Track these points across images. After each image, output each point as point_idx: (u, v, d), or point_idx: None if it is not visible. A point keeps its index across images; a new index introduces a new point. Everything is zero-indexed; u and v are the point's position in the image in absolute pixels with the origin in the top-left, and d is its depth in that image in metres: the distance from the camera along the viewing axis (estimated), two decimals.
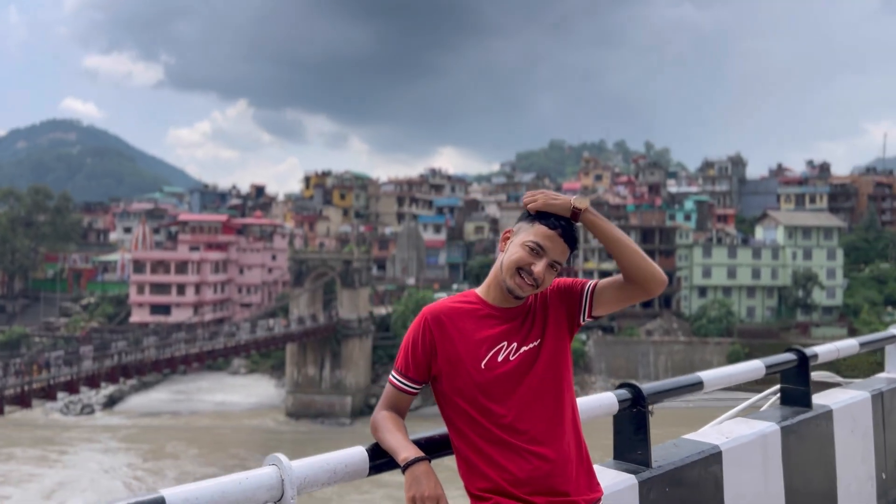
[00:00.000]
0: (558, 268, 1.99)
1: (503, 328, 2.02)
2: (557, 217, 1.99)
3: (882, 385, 4.14)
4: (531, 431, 1.95)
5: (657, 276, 1.99)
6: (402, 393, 2.08)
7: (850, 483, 3.66)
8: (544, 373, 2.01)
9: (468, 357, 1.99)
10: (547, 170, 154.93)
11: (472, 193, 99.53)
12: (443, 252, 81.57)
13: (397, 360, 2.10)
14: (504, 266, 2.00)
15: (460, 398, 2.00)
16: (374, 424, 2.05)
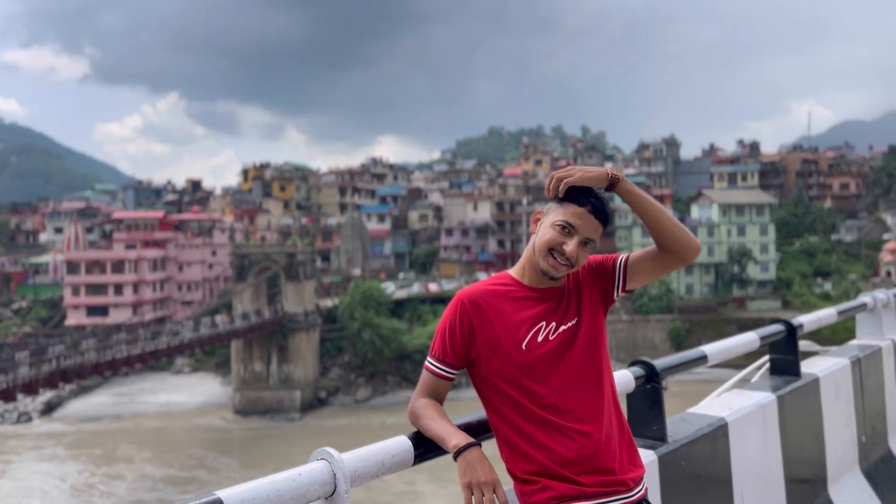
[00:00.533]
0: (592, 245, 1.97)
1: (541, 308, 2.01)
2: (587, 194, 1.97)
3: (857, 351, 4.29)
4: (574, 410, 1.94)
5: (693, 244, 2.01)
6: (441, 379, 2.04)
7: (836, 447, 3.78)
8: (583, 351, 2.00)
9: (508, 339, 1.97)
10: (487, 156, 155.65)
11: (414, 182, 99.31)
12: (388, 241, 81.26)
13: (433, 346, 2.06)
14: (536, 248, 1.99)
15: (501, 380, 1.97)
16: (415, 412, 2.01)
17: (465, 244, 78.63)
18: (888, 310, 4.70)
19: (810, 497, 3.52)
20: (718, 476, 2.87)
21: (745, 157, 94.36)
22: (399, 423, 49.19)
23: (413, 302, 65.62)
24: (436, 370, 2.04)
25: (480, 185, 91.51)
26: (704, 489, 2.81)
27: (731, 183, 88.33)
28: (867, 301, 4.55)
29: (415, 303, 65.60)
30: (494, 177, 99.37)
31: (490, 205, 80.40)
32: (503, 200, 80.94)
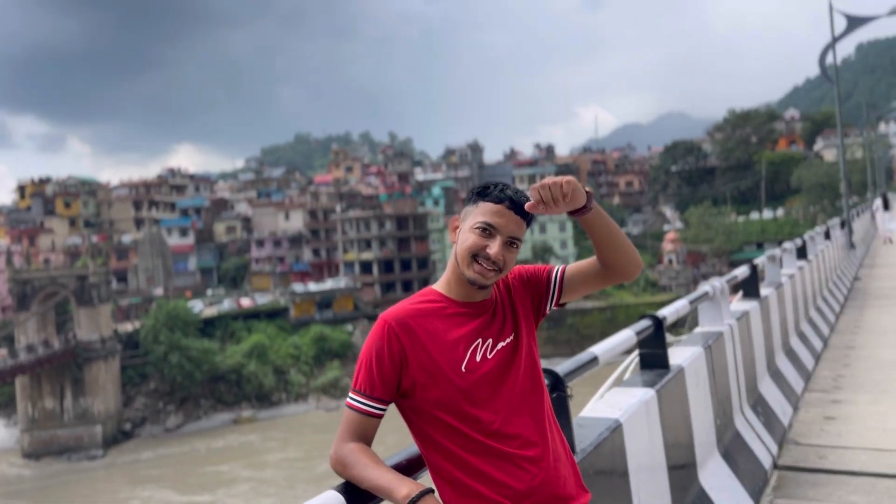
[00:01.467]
0: (518, 245, 1.78)
1: (474, 324, 1.79)
2: (501, 189, 1.78)
3: (707, 339, 4.49)
4: (522, 434, 1.74)
5: (639, 262, 1.88)
6: (369, 417, 1.74)
7: (700, 432, 3.91)
8: (525, 369, 1.81)
9: (445, 361, 1.73)
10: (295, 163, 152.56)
11: (218, 192, 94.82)
12: (192, 257, 76.78)
13: (356, 379, 1.76)
14: (459, 256, 1.78)
15: (441, 410, 1.73)
16: (342, 461, 1.69)
17: (279, 255, 76.36)
18: (724, 297, 5.01)
19: (686, 483, 3.59)
20: (618, 475, 2.81)
21: (542, 160, 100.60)
22: (229, 447, 46.71)
23: (225, 319, 62.58)
24: (363, 407, 1.74)
25: (291, 193, 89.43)
26: (609, 490, 2.73)
27: (531, 184, 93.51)
28: (708, 290, 4.80)
29: (226, 320, 62.60)
30: (305, 184, 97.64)
31: (302, 213, 78.76)
32: (316, 208, 79.63)
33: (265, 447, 45.80)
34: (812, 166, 79.41)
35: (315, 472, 39.54)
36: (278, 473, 40.10)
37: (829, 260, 12.08)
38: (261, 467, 41.31)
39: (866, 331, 9.34)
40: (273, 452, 44.26)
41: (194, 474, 40.94)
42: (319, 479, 38.41)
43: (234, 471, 41.08)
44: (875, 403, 6.08)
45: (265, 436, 48.52)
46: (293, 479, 38.88)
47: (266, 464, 41.95)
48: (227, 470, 41.28)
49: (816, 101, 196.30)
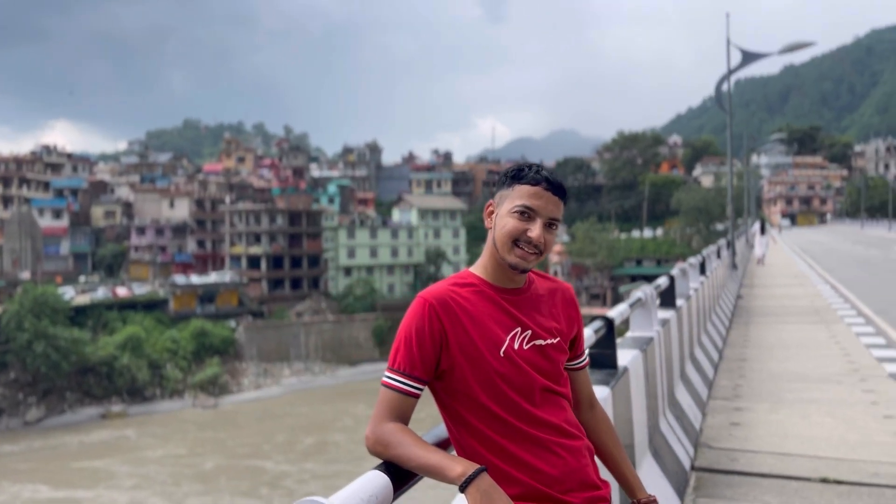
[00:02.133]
0: (556, 225, 1.77)
1: (513, 311, 1.77)
2: (537, 171, 1.77)
3: (642, 342, 4.64)
4: (557, 423, 1.74)
5: None
6: (409, 397, 1.68)
7: (638, 432, 4.03)
8: (556, 358, 1.81)
9: (485, 344, 1.70)
10: (183, 150, 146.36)
11: (98, 174, 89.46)
12: (65, 240, 72.05)
13: (395, 358, 1.70)
14: (498, 242, 1.75)
15: (478, 393, 1.69)
16: (383, 441, 1.62)
17: (161, 244, 72.95)
18: (654, 303, 5.21)
19: None
20: None
21: (439, 166, 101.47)
22: (102, 442, 44.14)
23: (98, 308, 59.12)
24: (402, 386, 1.68)
25: (177, 180, 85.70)
26: None
27: (427, 189, 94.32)
28: (641, 296, 4.97)
29: (100, 309, 59.16)
30: (193, 172, 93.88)
31: (189, 202, 75.63)
32: (203, 198, 76.69)
33: (143, 443, 43.60)
34: (690, 190, 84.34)
35: (201, 469, 38.11)
36: (162, 470, 38.32)
37: (719, 278, 12.84)
38: (141, 463, 39.30)
39: (754, 345, 9.98)
40: (152, 449, 42.22)
41: (67, 470, 38.48)
42: (207, 477, 37.07)
43: (110, 467, 38.89)
44: (773, 412, 6.50)
45: (142, 431, 46.20)
46: (178, 476, 37.28)
47: (146, 460, 39.96)
48: (103, 466, 39.05)
49: (697, 130, 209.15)
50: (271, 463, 38.90)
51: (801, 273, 22.02)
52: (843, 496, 4.51)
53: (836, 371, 8.14)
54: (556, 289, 1.90)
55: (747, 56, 16.80)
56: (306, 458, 39.41)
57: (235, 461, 39.30)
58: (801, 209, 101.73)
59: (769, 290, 17.10)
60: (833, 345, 9.82)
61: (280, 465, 38.64)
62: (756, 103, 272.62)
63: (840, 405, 6.66)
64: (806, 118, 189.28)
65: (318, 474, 36.61)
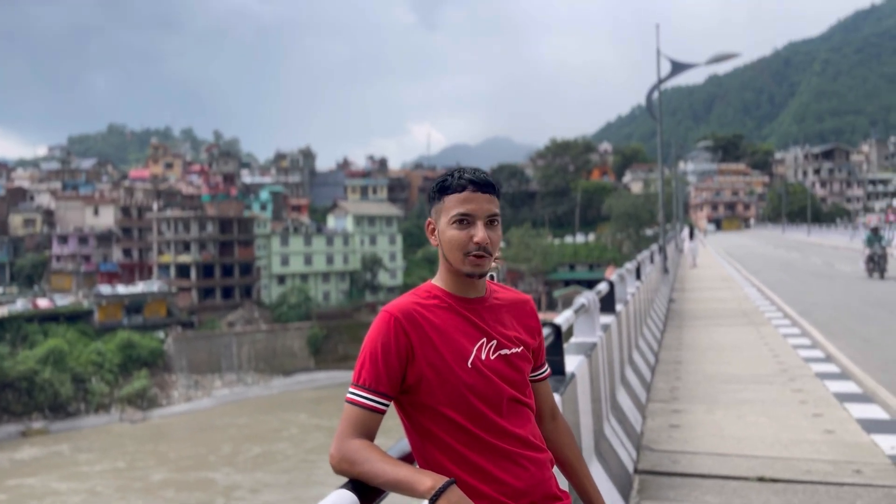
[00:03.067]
0: (497, 220, 1.76)
1: (477, 321, 1.76)
2: (459, 176, 1.75)
3: (586, 348, 4.67)
4: (524, 435, 1.73)
5: None
6: (374, 413, 1.65)
7: (585, 437, 4.04)
8: (522, 367, 1.80)
9: (453, 356, 1.68)
10: (107, 155, 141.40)
11: (16, 180, 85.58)
12: None
13: (359, 374, 1.66)
14: (449, 256, 1.75)
15: (447, 405, 1.67)
16: (349, 458, 1.57)
17: (84, 253, 70.15)
18: (596, 309, 5.26)
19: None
20: None
21: (375, 172, 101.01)
22: (34, 458, 42.19)
23: (17, 321, 56.50)
24: (368, 402, 1.64)
25: (102, 187, 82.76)
26: None
27: (363, 195, 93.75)
28: (585, 302, 5.01)
29: (19, 322, 56.55)
30: (118, 179, 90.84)
31: (114, 209, 73.00)
32: (130, 205, 74.16)
33: (79, 459, 41.75)
34: (621, 196, 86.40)
35: (149, 482, 36.87)
36: (107, 484, 36.86)
37: (652, 282, 13.13)
38: (82, 479, 37.63)
39: (688, 348, 10.24)
40: (90, 464, 40.47)
41: (3, 488, 36.64)
42: (156, 489, 35.86)
43: (47, 483, 37.11)
44: (710, 413, 6.66)
45: (75, 447, 44.28)
46: (126, 490, 35.94)
47: (87, 475, 38.30)
48: (39, 483, 37.26)
49: (626, 137, 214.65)
50: (220, 474, 37.93)
51: (729, 276, 22.79)
52: (778, 494, 4.64)
53: (767, 372, 8.42)
54: (516, 300, 1.89)
55: (676, 66, 17.33)
56: (256, 468, 38.61)
57: (182, 473, 38.17)
58: (727, 214, 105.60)
59: (699, 294, 17.62)
60: (762, 346, 10.16)
61: (230, 475, 37.71)
62: (682, 111, 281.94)
63: (772, 405, 6.88)
64: (729, 126, 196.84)
65: (271, 483, 35.92)
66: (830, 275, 21.78)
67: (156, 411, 53.67)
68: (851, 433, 5.88)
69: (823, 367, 8.49)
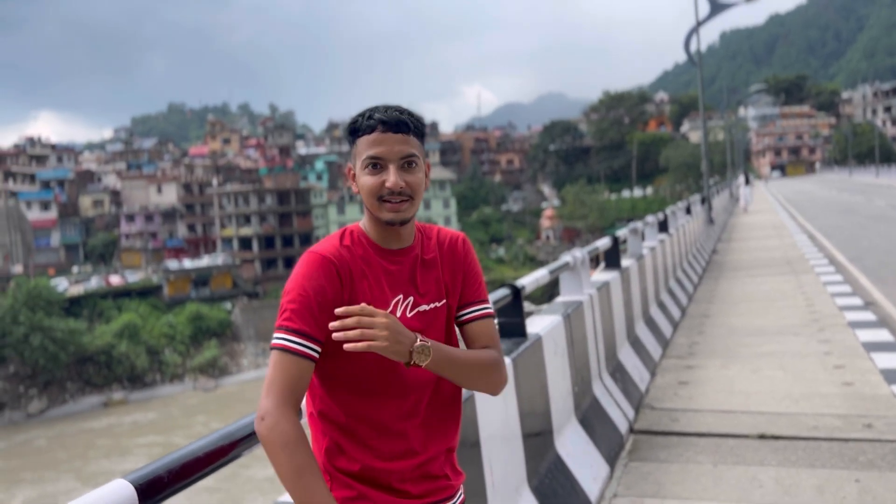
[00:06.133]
0: (417, 161, 1.59)
1: (397, 276, 1.62)
2: (369, 116, 1.58)
3: (566, 308, 4.55)
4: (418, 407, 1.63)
5: (496, 387, 1.70)
6: (308, 361, 1.48)
7: (558, 400, 3.95)
8: (442, 325, 1.67)
9: (380, 306, 1.56)
10: (168, 134, 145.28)
11: (84, 163, 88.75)
12: (55, 232, 71.69)
13: (287, 316, 1.49)
14: (367, 204, 1.60)
15: (352, 359, 1.54)
16: (285, 439, 1.41)
17: (151, 230, 72.63)
18: (584, 267, 5.10)
19: (542, 450, 3.62)
20: (469, 445, 2.77)
21: (427, 137, 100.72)
22: (133, 422, 44.81)
23: (92, 298, 59.06)
24: (301, 349, 1.47)
25: (164, 165, 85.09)
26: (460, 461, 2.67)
27: None
28: (569, 260, 4.86)
29: (94, 299, 59.10)
30: (179, 157, 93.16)
31: (176, 187, 75.14)
32: (191, 182, 76.17)
33: (172, 423, 44.02)
34: (678, 147, 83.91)
35: None
36: None
37: (689, 234, 12.74)
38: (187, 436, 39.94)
39: (720, 300, 9.93)
40: (188, 427, 42.53)
41: (118, 447, 39.38)
42: None
43: (157, 441, 39.37)
44: (725, 368, 6.44)
45: (162, 413, 46.66)
46: None
47: (191, 433, 40.53)
48: (164, 440, 39.91)
49: (684, 85, 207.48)
50: None
51: (781, 224, 21.93)
52: (777, 451, 4.47)
53: (796, 323, 8.09)
54: (443, 242, 1.71)
55: (715, 6, 16.52)
56: None
57: None
58: (790, 160, 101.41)
59: (745, 244, 17.02)
60: (798, 296, 9.76)
61: None
62: (742, 55, 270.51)
63: (793, 357, 6.61)
64: (793, 67, 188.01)
65: None
66: (893, 217, 20.72)
67: (227, 379, 55.66)
68: (872, 385, 5.61)
69: (859, 315, 8.10)
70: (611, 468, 4.26)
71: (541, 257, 73.64)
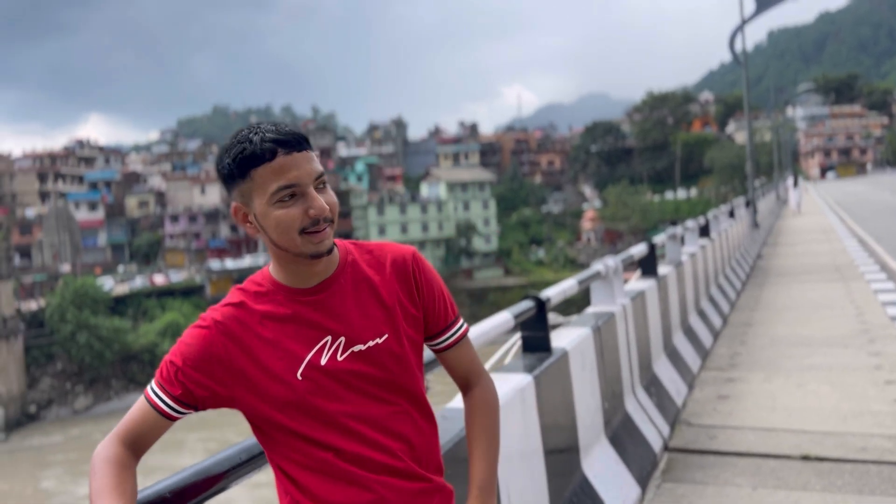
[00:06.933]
0: (323, 179, 1.37)
1: (317, 318, 1.40)
2: (259, 140, 1.32)
3: (596, 320, 4.33)
4: (379, 456, 1.44)
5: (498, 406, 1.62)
6: (162, 417, 1.39)
7: (585, 417, 3.74)
8: (387, 362, 1.45)
9: (281, 368, 1.38)
10: (213, 136, 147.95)
11: (130, 165, 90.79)
12: (102, 232, 73.48)
13: (161, 371, 1.40)
14: (283, 244, 1.36)
15: (275, 421, 1.40)
16: (94, 466, 1.33)
17: (194, 231, 73.93)
18: (617, 276, 4.87)
19: (567, 471, 3.43)
20: None
21: (466, 138, 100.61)
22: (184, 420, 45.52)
23: (137, 297, 60.32)
24: (160, 404, 1.38)
25: (207, 167, 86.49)
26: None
27: (455, 162, 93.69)
28: (601, 269, 4.64)
29: (139, 298, 60.34)
30: None
31: (220, 188, 76.29)
32: None
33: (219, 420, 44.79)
34: (723, 148, 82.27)
35: None
36: None
37: (733, 238, 12.33)
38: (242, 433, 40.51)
39: (764, 307, 9.54)
40: (233, 426, 43.25)
41: None
42: None
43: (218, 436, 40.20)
44: (767, 381, 6.13)
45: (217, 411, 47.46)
46: None
47: None
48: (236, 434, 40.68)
49: (730, 85, 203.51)
50: None
51: (830, 227, 21.20)
52: (822, 475, 4.18)
53: (845, 333, 7.70)
54: (383, 262, 1.48)
55: (761, 4, 16.01)
56: None
57: None
58: (840, 160, 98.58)
59: (792, 248, 16.46)
60: (848, 304, 9.32)
61: None
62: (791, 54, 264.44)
63: (840, 371, 6.26)
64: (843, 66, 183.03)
65: None
66: None
67: None
68: None
69: None
70: (642, 490, 4.03)
71: (581, 259, 72.87)
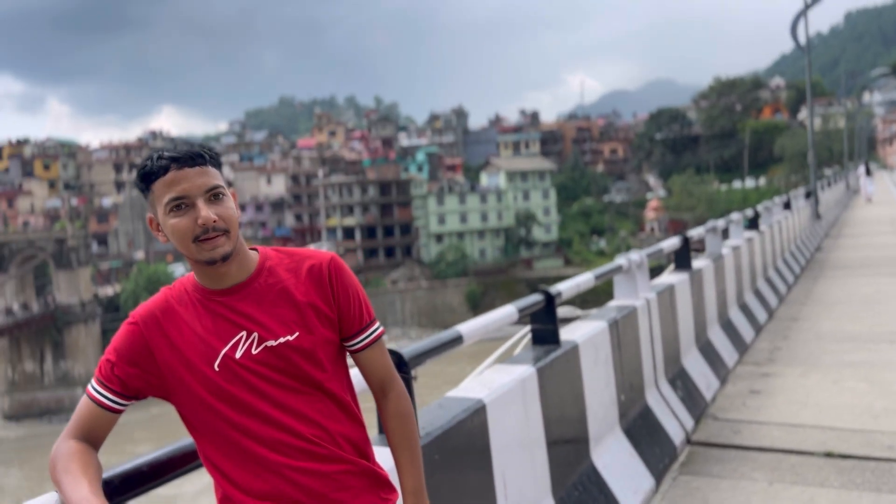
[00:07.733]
0: (223, 192, 1.53)
1: (232, 315, 1.57)
2: (157, 158, 1.51)
3: (614, 313, 4.40)
4: (295, 442, 1.59)
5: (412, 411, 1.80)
6: (107, 411, 1.53)
7: (596, 409, 3.83)
8: (294, 359, 1.59)
9: (199, 359, 1.54)
10: (279, 127, 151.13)
11: None
12: None
13: (100, 368, 1.55)
14: (183, 249, 1.53)
15: (197, 411, 1.56)
16: (53, 462, 1.48)
17: (260, 220, 75.92)
18: (641, 270, 4.91)
19: (574, 461, 3.52)
20: (477, 458, 2.73)
21: (527, 127, 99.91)
22: None
23: None
24: (101, 399, 1.53)
25: (273, 157, 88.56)
26: (462, 475, 2.65)
27: (515, 151, 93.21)
28: (623, 263, 4.69)
29: None
30: (288, 149, 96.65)
31: (284, 178, 78.15)
32: (298, 173, 78.98)
33: None
34: (794, 135, 79.38)
35: None
36: None
37: (788, 230, 12.04)
38: None
39: (814, 302, 9.34)
40: None
41: None
42: None
43: None
44: (804, 377, 6.06)
45: None
46: None
47: None
48: None
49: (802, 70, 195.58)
50: None
51: None
52: (843, 472, 4.16)
53: (893, 329, 7.49)
54: (300, 266, 1.62)
55: None
56: None
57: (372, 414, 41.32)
58: None
59: (855, 240, 15.90)
60: None
61: None
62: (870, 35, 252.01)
63: (882, 368, 6.13)
64: None
65: None
66: None
67: None
68: None
69: None
70: (657, 482, 4.09)
71: None
